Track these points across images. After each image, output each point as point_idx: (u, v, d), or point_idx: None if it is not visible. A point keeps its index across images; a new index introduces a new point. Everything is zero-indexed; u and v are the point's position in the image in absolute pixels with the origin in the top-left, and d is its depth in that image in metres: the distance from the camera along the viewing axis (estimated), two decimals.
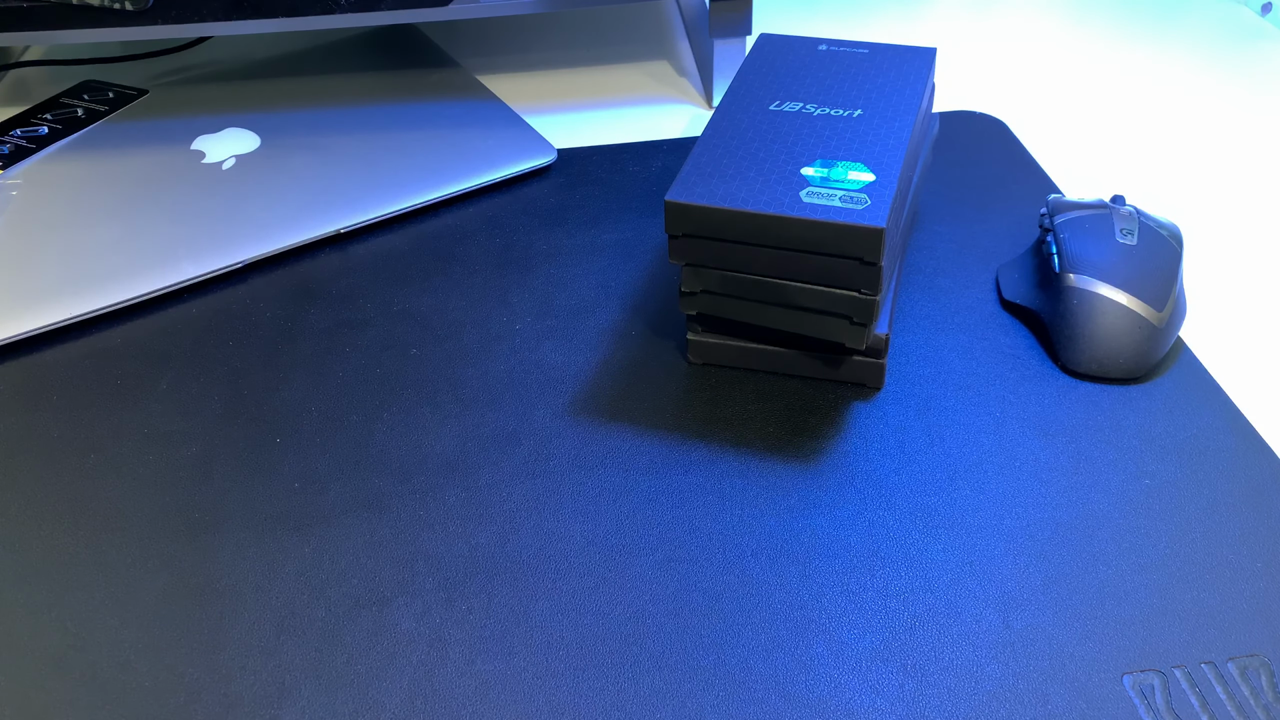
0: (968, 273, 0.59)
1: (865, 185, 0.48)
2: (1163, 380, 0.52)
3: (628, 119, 0.75)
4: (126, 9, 0.63)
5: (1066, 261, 0.53)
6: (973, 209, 0.64)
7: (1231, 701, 0.39)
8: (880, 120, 0.53)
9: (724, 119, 0.53)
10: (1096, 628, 0.41)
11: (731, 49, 0.74)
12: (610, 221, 0.64)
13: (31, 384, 0.54)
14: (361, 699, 0.40)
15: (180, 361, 0.55)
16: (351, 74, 0.78)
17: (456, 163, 0.67)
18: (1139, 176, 0.68)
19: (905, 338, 0.55)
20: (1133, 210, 0.55)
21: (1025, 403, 0.51)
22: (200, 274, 0.59)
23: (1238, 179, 0.68)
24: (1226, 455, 0.48)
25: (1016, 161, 0.68)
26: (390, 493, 0.48)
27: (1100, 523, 0.45)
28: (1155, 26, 0.86)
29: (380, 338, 0.56)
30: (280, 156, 0.68)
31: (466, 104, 0.74)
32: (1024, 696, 0.39)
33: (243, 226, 0.62)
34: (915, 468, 0.48)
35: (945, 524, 0.46)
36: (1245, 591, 0.42)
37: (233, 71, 0.78)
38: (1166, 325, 0.52)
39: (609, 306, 0.58)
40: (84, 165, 0.68)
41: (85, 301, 0.57)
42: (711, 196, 0.48)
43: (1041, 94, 0.77)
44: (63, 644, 0.42)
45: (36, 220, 0.63)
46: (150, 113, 0.73)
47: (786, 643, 0.41)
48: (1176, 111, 0.75)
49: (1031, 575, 0.43)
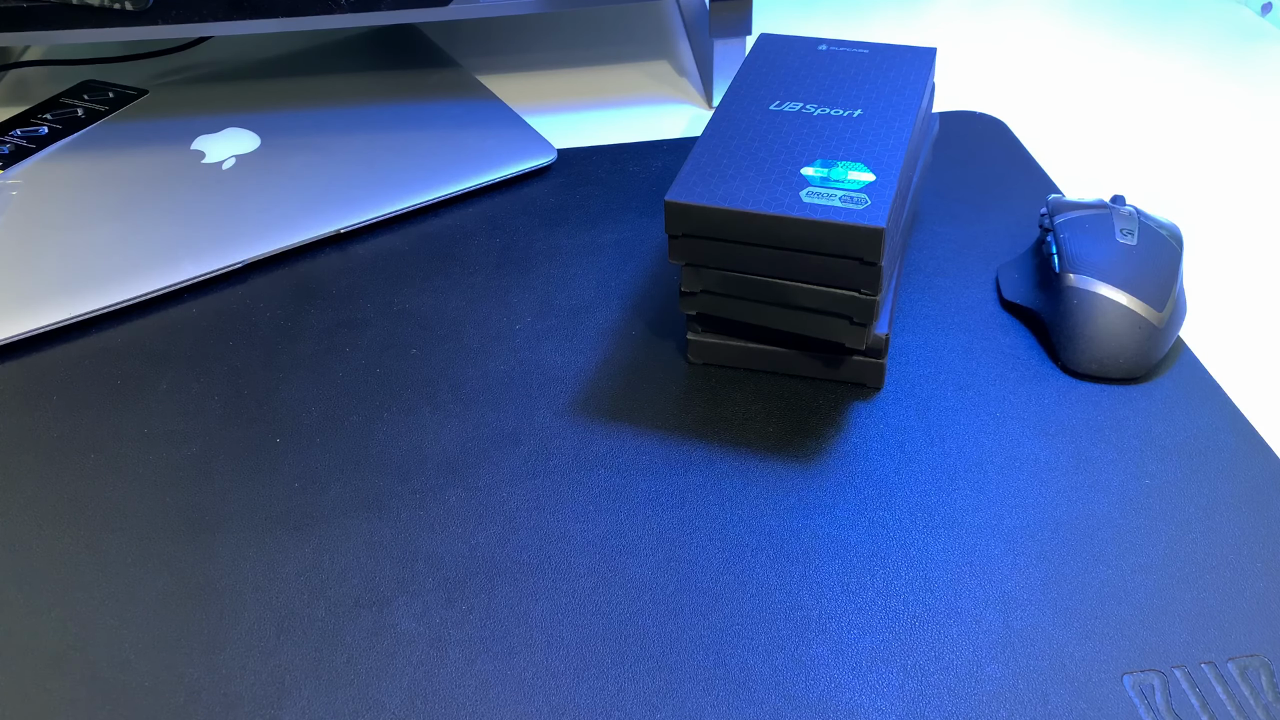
0: (968, 273, 0.59)
1: (865, 185, 0.48)
2: (1163, 380, 0.52)
3: (628, 119, 0.75)
4: (126, 9, 0.63)
5: (1066, 261, 0.53)
6: (973, 209, 0.64)
7: (1231, 701, 0.39)
8: (880, 120, 0.53)
9: (724, 119, 0.53)
10: (1096, 628, 0.41)
11: (731, 49, 0.74)
12: (610, 221, 0.64)
13: (31, 384, 0.54)
14: (361, 699, 0.40)
15: (180, 361, 0.55)
16: (351, 74, 0.78)
17: (456, 163, 0.67)
18: (1139, 176, 0.68)
19: (905, 338, 0.55)
20: (1133, 210, 0.55)
21: (1025, 403, 0.51)
22: (200, 274, 0.59)
23: (1238, 179, 0.68)
24: (1226, 455, 0.48)
25: (1016, 161, 0.68)
26: (390, 493, 0.48)
27: (1100, 522, 0.45)
28: (1155, 26, 0.86)
29: (380, 338, 0.56)
30: (280, 156, 0.68)
31: (466, 104, 0.74)
32: (1024, 696, 0.39)
33: (243, 226, 0.62)
34: (915, 468, 0.48)
35: (945, 524, 0.46)
36: (1245, 591, 0.42)
37: (233, 71, 0.78)
38: (1166, 325, 0.52)
39: (609, 306, 0.58)
40: (84, 165, 0.68)
41: (85, 301, 0.57)
42: (711, 196, 0.48)
43: (1041, 94, 0.77)
44: (63, 644, 0.42)
45: (36, 220, 0.63)
46: (150, 113, 0.73)
47: (786, 643, 0.41)
48: (1176, 111, 0.75)
49: (1032, 575, 0.43)
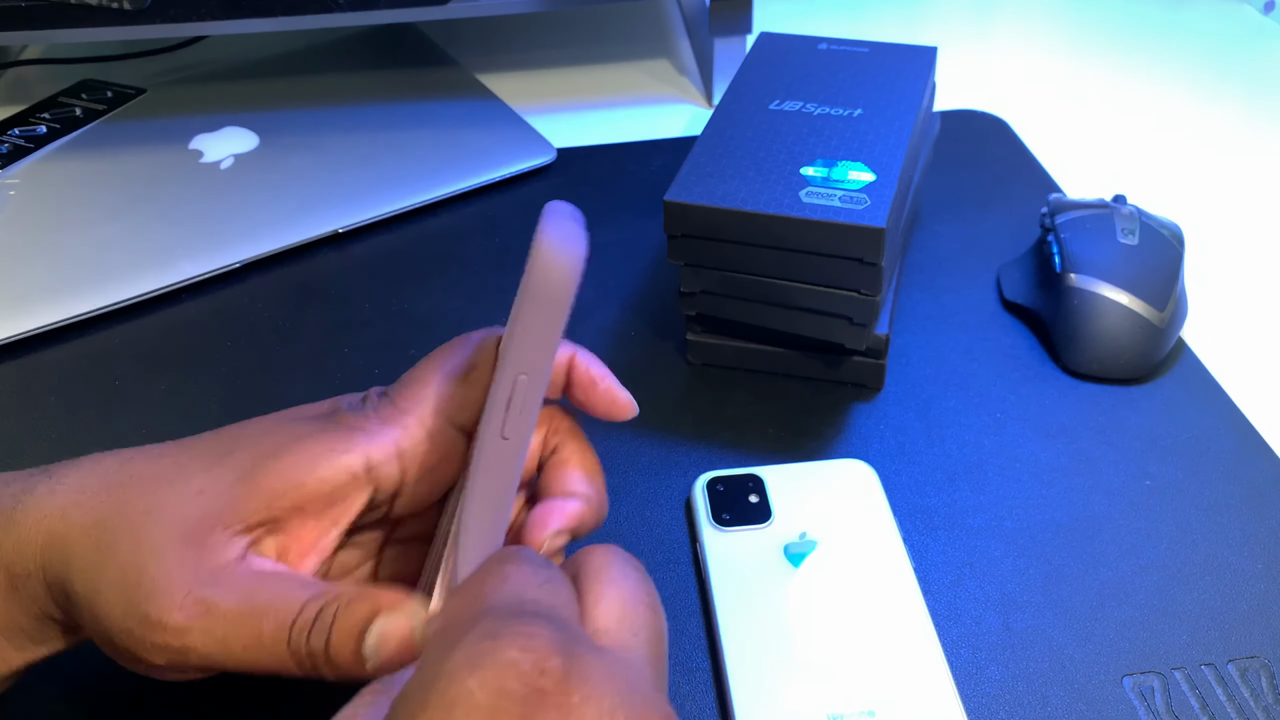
0: (968, 273, 0.59)
1: (865, 185, 0.48)
2: (1164, 380, 0.52)
3: (628, 118, 0.75)
4: (125, 8, 0.63)
5: (1068, 261, 0.53)
6: (974, 208, 0.64)
7: (1231, 703, 0.38)
8: (881, 120, 0.52)
9: (724, 118, 0.53)
10: (1097, 629, 0.41)
11: (732, 48, 0.74)
12: (610, 221, 0.64)
13: (29, 385, 0.54)
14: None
15: (179, 362, 0.55)
16: (350, 73, 0.78)
17: (456, 162, 0.67)
18: (1140, 176, 0.68)
19: (905, 338, 0.55)
20: (1134, 210, 0.55)
21: (1026, 403, 0.51)
22: (199, 274, 0.59)
23: (1240, 178, 0.68)
24: (1228, 456, 0.48)
25: (1018, 161, 0.68)
26: None
27: (1101, 524, 0.45)
28: (1157, 25, 0.86)
29: (379, 338, 0.56)
30: (279, 156, 0.68)
31: (466, 103, 0.73)
32: (1024, 698, 0.39)
33: (241, 226, 0.62)
34: (915, 468, 0.48)
35: (945, 525, 0.45)
36: (1246, 593, 0.42)
37: (231, 71, 0.78)
38: (1168, 325, 0.52)
39: (609, 307, 0.58)
40: (82, 165, 0.68)
41: (83, 301, 0.57)
42: (711, 196, 0.48)
43: (1042, 93, 0.77)
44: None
45: (34, 220, 0.63)
46: (148, 112, 0.73)
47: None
48: (1178, 110, 0.75)
49: (1032, 576, 0.43)
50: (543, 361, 0.29)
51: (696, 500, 0.45)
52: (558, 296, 0.28)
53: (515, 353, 0.29)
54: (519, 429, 0.30)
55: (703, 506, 0.45)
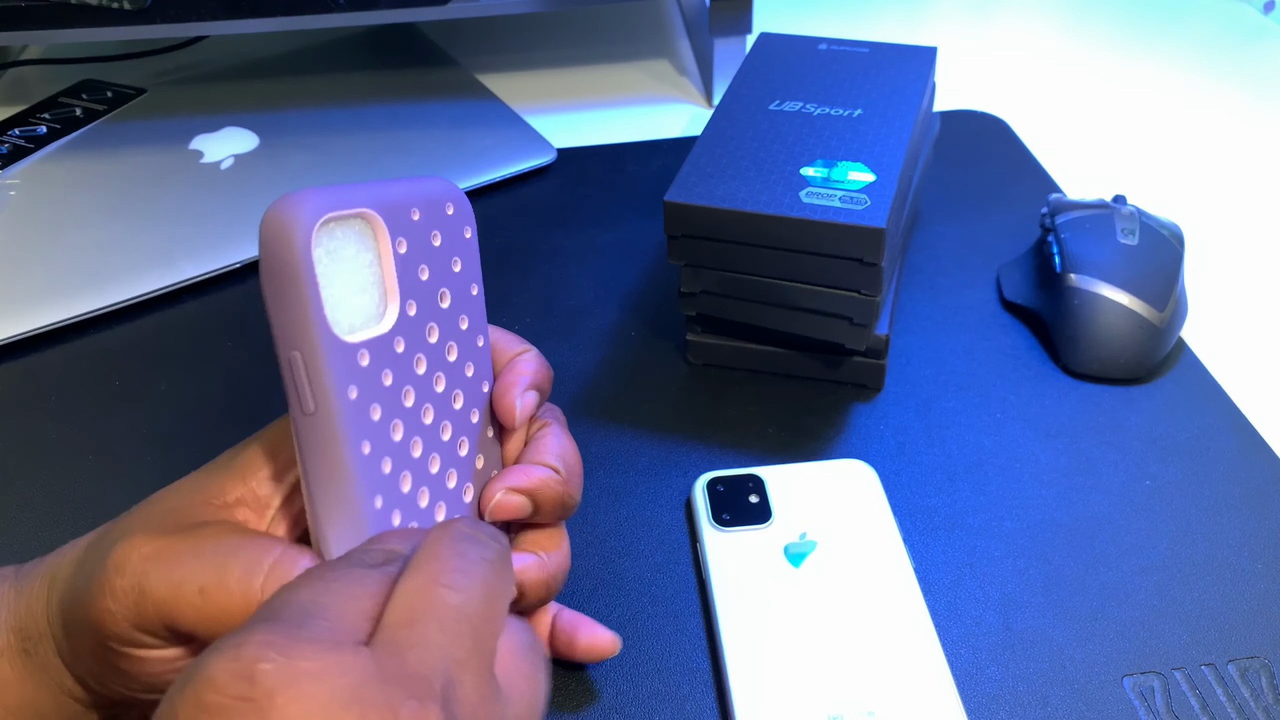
0: (968, 273, 0.59)
1: (865, 185, 0.48)
2: (1164, 381, 0.52)
3: (628, 119, 0.75)
4: (125, 8, 0.63)
5: (1068, 261, 0.53)
6: (973, 208, 0.64)
7: (1232, 703, 0.38)
8: (880, 120, 0.52)
9: (724, 118, 0.53)
10: (1097, 629, 0.41)
11: (732, 48, 0.74)
12: (610, 221, 0.64)
13: (29, 385, 0.54)
14: None
15: (179, 362, 0.55)
16: (351, 73, 0.78)
17: (456, 163, 0.67)
18: (1140, 176, 0.68)
19: (905, 338, 0.55)
20: (1134, 210, 0.55)
21: (1026, 403, 0.51)
22: (199, 274, 0.59)
23: (1240, 178, 0.68)
24: (1228, 456, 0.48)
25: (1018, 161, 0.68)
26: None
27: (1101, 524, 0.45)
28: (1157, 25, 0.86)
29: None
30: (279, 156, 0.68)
31: (466, 104, 0.73)
32: (1024, 698, 0.39)
33: (241, 226, 0.62)
34: (915, 468, 0.48)
35: (945, 525, 0.45)
36: (1246, 593, 0.42)
37: (231, 71, 0.78)
38: (1168, 325, 0.52)
39: (608, 307, 0.58)
40: (82, 165, 0.68)
41: (83, 302, 0.57)
42: (711, 196, 0.48)
43: (1042, 93, 0.77)
44: None
45: (35, 220, 0.63)
46: (149, 112, 0.73)
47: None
48: (1178, 110, 0.75)
49: (1032, 576, 0.43)
50: (306, 329, 0.29)
51: (697, 500, 0.45)
52: (281, 266, 0.28)
53: (277, 335, 0.29)
54: (321, 397, 0.29)
55: (703, 507, 0.45)
